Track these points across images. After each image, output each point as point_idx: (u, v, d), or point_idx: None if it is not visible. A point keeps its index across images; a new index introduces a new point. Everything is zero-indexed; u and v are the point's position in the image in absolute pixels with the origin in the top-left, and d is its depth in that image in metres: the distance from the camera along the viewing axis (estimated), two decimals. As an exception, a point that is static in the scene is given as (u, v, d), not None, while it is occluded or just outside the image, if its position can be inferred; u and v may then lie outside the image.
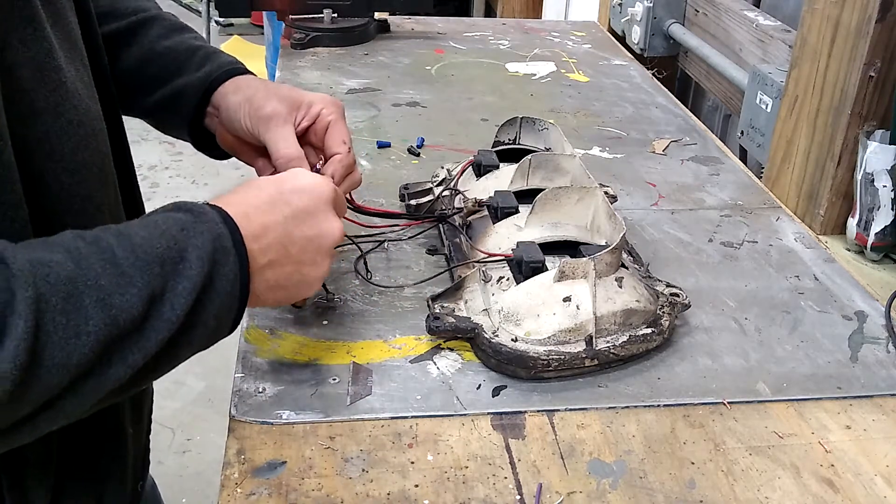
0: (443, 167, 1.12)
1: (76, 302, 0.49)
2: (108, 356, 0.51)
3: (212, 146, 0.89)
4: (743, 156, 1.50)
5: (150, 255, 0.54)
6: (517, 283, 0.84)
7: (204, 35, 3.49)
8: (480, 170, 1.03)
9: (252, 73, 0.87)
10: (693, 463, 0.73)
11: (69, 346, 0.48)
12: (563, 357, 0.80)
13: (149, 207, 0.67)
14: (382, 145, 1.29)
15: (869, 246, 1.08)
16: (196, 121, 0.86)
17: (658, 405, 0.79)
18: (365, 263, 0.96)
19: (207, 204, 0.61)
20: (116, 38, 0.84)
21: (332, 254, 0.69)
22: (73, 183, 0.60)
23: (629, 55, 1.83)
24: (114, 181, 0.68)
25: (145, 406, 0.80)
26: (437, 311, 0.85)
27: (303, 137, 0.84)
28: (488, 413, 0.77)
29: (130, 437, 0.72)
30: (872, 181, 1.06)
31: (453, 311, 0.86)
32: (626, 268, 0.87)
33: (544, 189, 0.90)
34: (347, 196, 0.88)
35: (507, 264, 0.87)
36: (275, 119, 0.81)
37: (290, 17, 1.75)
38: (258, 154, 0.85)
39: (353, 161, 0.85)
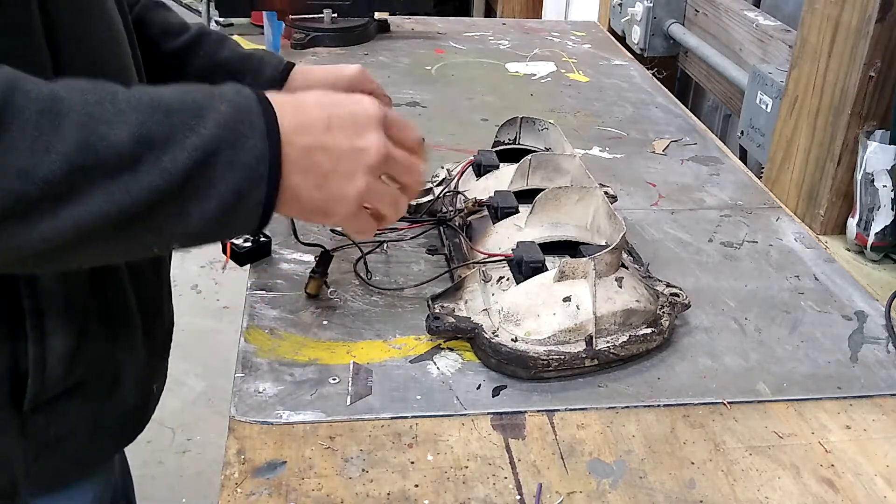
0: (443, 167, 1.12)
1: (53, 119, 0.49)
2: (85, 184, 0.50)
3: None
4: (743, 156, 1.50)
5: (158, 102, 0.53)
6: (517, 283, 0.84)
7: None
8: (480, 170, 1.03)
9: None
10: (693, 463, 0.73)
11: (35, 158, 0.48)
12: (563, 357, 0.80)
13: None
14: None
15: (869, 246, 1.08)
16: None
17: (658, 405, 0.79)
18: (365, 264, 0.96)
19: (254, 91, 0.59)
20: (181, 53, 0.90)
21: (372, 174, 0.62)
22: None
23: (629, 55, 1.83)
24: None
25: (156, 321, 0.79)
26: (437, 311, 0.85)
27: None
28: (488, 413, 0.77)
29: (140, 339, 0.73)
30: (872, 181, 1.06)
31: (453, 311, 0.86)
32: (626, 268, 0.87)
33: (544, 189, 0.90)
34: None
35: (507, 264, 0.87)
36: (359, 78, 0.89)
37: (290, 17, 1.75)
38: None
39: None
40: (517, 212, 0.93)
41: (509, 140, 1.11)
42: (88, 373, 0.68)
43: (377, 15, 1.82)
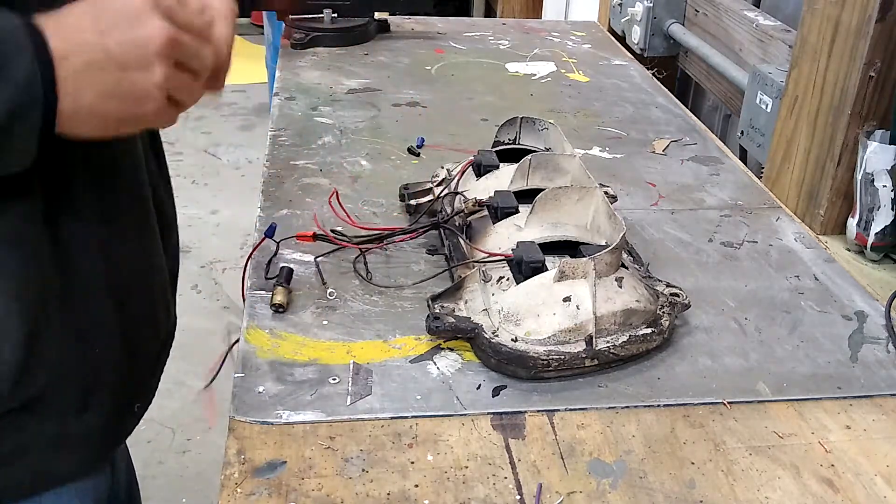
0: (443, 167, 1.12)
1: None
2: None
3: None
4: (743, 156, 1.50)
5: None
6: (517, 283, 0.84)
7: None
8: (480, 170, 1.03)
9: None
10: (693, 463, 0.73)
11: None
12: (563, 357, 0.80)
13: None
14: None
15: (869, 246, 1.08)
16: None
17: (658, 405, 0.79)
18: (365, 264, 0.96)
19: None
20: None
21: (166, 60, 0.59)
22: None
23: (629, 55, 1.83)
24: None
25: (144, 336, 0.78)
26: (437, 311, 0.85)
27: None
28: (488, 413, 0.77)
29: (119, 355, 0.72)
30: (872, 181, 1.06)
31: (453, 311, 0.86)
32: (626, 268, 0.87)
33: (544, 189, 0.90)
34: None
35: (507, 264, 0.87)
36: None
37: (290, 17, 1.75)
38: None
39: None
40: (517, 212, 0.93)
41: (509, 140, 1.11)
42: (48, 388, 0.66)
43: (377, 15, 1.82)
